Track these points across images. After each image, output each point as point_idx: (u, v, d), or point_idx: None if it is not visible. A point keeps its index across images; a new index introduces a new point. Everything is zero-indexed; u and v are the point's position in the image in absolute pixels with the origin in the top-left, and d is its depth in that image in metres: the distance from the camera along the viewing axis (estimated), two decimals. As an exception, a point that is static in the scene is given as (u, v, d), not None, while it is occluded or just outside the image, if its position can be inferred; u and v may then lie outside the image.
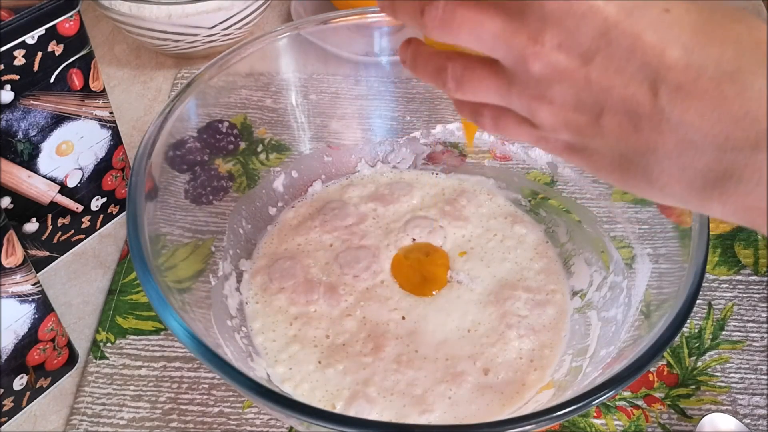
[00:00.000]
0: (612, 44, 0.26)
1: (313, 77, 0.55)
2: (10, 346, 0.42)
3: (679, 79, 0.26)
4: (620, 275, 0.46)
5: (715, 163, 0.26)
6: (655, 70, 0.26)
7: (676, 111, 0.26)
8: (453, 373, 0.44)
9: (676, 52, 0.26)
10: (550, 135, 0.30)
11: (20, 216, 0.49)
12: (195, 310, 0.41)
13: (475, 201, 0.54)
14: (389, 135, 0.57)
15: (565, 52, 0.27)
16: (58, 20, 0.45)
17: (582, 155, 0.30)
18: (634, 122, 0.27)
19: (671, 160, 0.27)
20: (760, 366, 0.48)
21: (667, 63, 0.26)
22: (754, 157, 0.25)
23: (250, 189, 0.53)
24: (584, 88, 0.27)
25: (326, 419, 0.32)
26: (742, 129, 0.25)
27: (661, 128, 0.26)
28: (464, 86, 0.31)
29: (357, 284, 0.49)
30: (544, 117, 0.29)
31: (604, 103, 0.27)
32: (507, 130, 0.32)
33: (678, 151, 0.27)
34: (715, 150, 0.26)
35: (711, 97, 0.25)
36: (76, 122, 0.49)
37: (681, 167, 0.27)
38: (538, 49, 0.27)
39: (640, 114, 0.27)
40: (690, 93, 0.26)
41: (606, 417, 0.46)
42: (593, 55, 0.27)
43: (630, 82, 0.27)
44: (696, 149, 0.26)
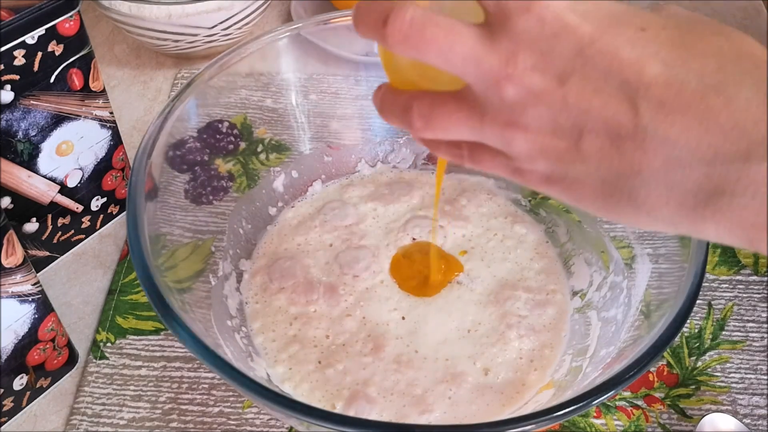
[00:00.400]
0: (588, 63, 0.25)
1: (313, 77, 0.55)
2: (10, 346, 0.42)
3: (661, 94, 0.25)
4: (620, 275, 0.46)
5: (706, 180, 0.25)
6: (634, 88, 0.25)
7: (660, 128, 0.25)
8: (453, 373, 0.44)
9: (655, 68, 0.25)
10: (526, 165, 0.28)
11: (20, 216, 0.49)
12: (195, 310, 0.41)
13: (475, 201, 0.54)
14: (389, 135, 0.57)
15: (539, 73, 0.26)
16: (58, 20, 0.45)
17: (561, 185, 0.28)
18: (617, 144, 0.26)
19: (658, 181, 0.26)
20: (760, 366, 0.48)
21: (646, 80, 0.25)
22: (746, 170, 0.24)
23: (250, 189, 0.53)
24: (561, 110, 0.26)
25: (326, 419, 0.32)
26: (731, 141, 0.24)
27: (645, 147, 0.25)
28: (432, 123, 0.29)
29: (357, 284, 0.49)
30: (519, 145, 0.28)
31: (583, 126, 0.26)
32: (482, 164, 0.30)
33: (665, 170, 0.25)
34: (705, 165, 0.24)
35: (696, 111, 0.24)
36: (76, 122, 0.49)
37: (669, 187, 0.25)
38: (511, 71, 0.26)
39: (622, 134, 0.26)
40: (673, 108, 0.24)
41: (606, 417, 0.46)
42: (569, 76, 0.26)
43: (609, 101, 0.25)
44: (684, 167, 0.25)
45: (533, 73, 0.26)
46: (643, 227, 0.28)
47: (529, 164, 0.28)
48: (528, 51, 0.26)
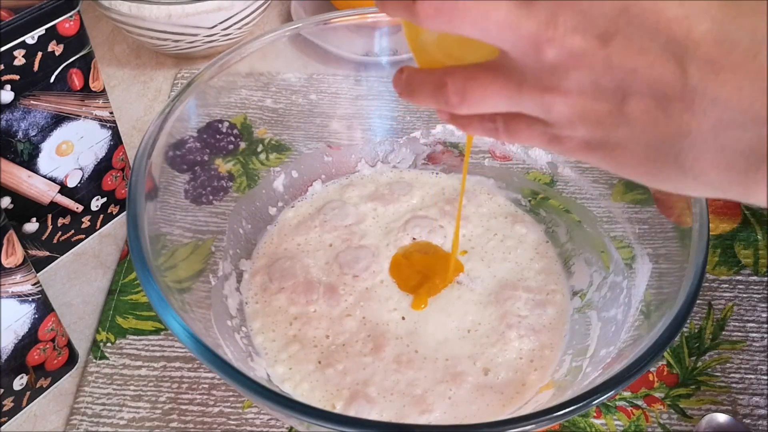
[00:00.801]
0: (633, 23, 0.24)
1: (313, 77, 0.55)
2: (10, 346, 0.42)
3: (711, 53, 0.23)
4: (620, 275, 0.46)
5: (758, 142, 0.23)
6: (682, 46, 0.24)
7: (710, 88, 0.24)
8: (453, 373, 0.44)
9: (704, 25, 0.24)
10: (566, 132, 0.27)
11: (20, 216, 0.49)
12: (195, 310, 0.41)
13: (475, 201, 0.54)
14: (389, 135, 0.57)
15: (581, 34, 0.25)
16: (58, 20, 0.45)
17: (602, 152, 0.27)
18: (663, 106, 0.25)
19: (707, 144, 0.24)
20: (760, 366, 0.48)
21: (695, 38, 0.24)
22: None
23: (250, 189, 0.53)
24: (605, 72, 0.25)
25: (326, 419, 0.32)
26: None
27: (694, 109, 0.24)
28: (468, 98, 0.28)
29: (357, 284, 0.49)
30: (559, 111, 0.27)
31: (627, 88, 0.25)
32: (518, 134, 0.29)
33: (715, 132, 0.24)
34: (758, 127, 0.23)
35: (748, 70, 0.23)
36: (76, 122, 0.49)
37: (719, 150, 0.24)
38: (551, 34, 0.25)
39: (669, 95, 0.24)
40: (724, 67, 0.23)
41: (606, 417, 0.46)
42: (612, 36, 0.24)
43: (655, 61, 0.24)
44: (735, 128, 0.24)
45: (575, 34, 0.25)
46: (688, 192, 0.27)
47: (570, 130, 0.27)
48: (569, 12, 0.25)
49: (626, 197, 0.49)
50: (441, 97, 0.29)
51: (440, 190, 0.56)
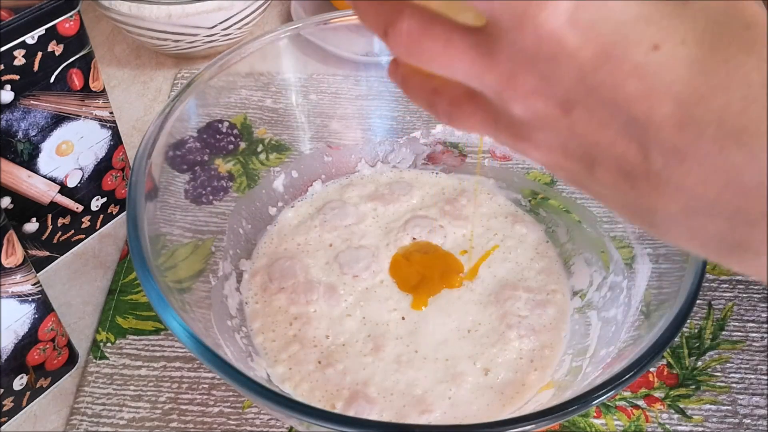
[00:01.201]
0: (592, 95, 0.22)
1: (313, 77, 0.55)
2: (10, 346, 0.42)
3: (674, 140, 0.21)
4: (620, 275, 0.46)
5: (728, 233, 0.22)
6: (643, 128, 0.22)
7: (674, 176, 0.22)
8: (453, 374, 0.44)
9: (667, 107, 0.21)
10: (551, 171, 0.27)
11: (20, 216, 0.49)
12: (195, 310, 0.41)
13: (475, 200, 0.54)
14: (389, 135, 0.57)
15: (542, 99, 0.23)
16: (58, 20, 0.45)
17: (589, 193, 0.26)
18: (630, 181, 0.23)
19: (678, 223, 0.23)
20: (760, 366, 0.48)
21: (656, 120, 0.21)
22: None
23: (250, 189, 0.53)
24: (570, 138, 0.24)
25: (326, 419, 0.32)
26: (754, 201, 0.21)
27: (660, 191, 0.23)
28: (455, 122, 0.27)
29: (357, 284, 0.49)
30: (536, 158, 0.26)
31: (594, 157, 0.24)
32: None
33: (684, 216, 0.23)
34: (726, 221, 0.22)
35: (714, 163, 0.21)
36: (76, 122, 0.49)
37: (690, 230, 0.23)
38: (512, 94, 0.24)
39: (634, 174, 0.23)
40: (688, 156, 0.21)
41: (606, 417, 0.46)
42: (573, 105, 0.23)
43: (617, 139, 0.23)
44: (703, 216, 0.22)
45: (536, 97, 0.23)
46: None
47: (552, 171, 0.27)
48: (527, 73, 0.23)
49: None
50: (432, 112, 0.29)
51: (440, 190, 0.56)
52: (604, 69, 0.22)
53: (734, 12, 0.21)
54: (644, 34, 0.21)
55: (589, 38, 0.22)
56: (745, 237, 0.22)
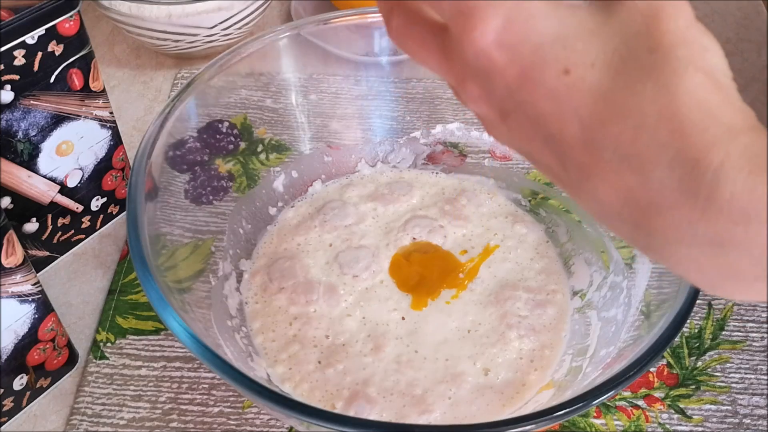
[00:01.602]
0: (519, 109, 0.25)
1: (313, 77, 0.55)
2: (10, 346, 0.42)
3: (581, 158, 0.24)
4: (620, 275, 0.46)
5: (635, 235, 0.24)
6: (558, 145, 0.24)
7: (585, 187, 0.24)
8: (453, 374, 0.44)
9: (573, 128, 0.23)
10: None
11: (20, 216, 0.49)
12: (195, 310, 0.41)
13: (475, 200, 0.54)
14: (389, 135, 0.57)
15: (485, 104, 0.26)
16: (58, 20, 0.45)
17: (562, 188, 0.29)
18: (561, 182, 0.26)
19: (602, 219, 0.26)
20: (760, 366, 0.48)
21: (567, 140, 0.24)
22: (668, 249, 0.23)
23: (250, 189, 0.53)
24: (511, 141, 0.27)
25: (326, 419, 0.32)
26: (648, 219, 0.23)
27: (580, 198, 0.25)
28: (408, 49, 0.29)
29: (357, 284, 0.49)
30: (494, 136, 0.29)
31: (529, 155, 0.27)
32: None
33: (599, 219, 0.26)
34: (631, 229, 0.24)
35: (613, 183, 0.23)
36: (76, 122, 0.49)
37: (609, 227, 0.26)
38: (464, 96, 0.27)
39: (560, 180, 0.26)
40: (592, 174, 0.24)
41: (606, 417, 0.46)
42: (507, 114, 0.25)
43: (542, 152, 0.25)
44: (615, 221, 0.25)
45: (480, 102, 0.26)
46: None
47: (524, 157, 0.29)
48: (472, 81, 0.25)
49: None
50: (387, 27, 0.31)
51: (440, 190, 0.56)
52: (525, 89, 0.24)
53: (647, 30, 0.23)
54: (558, 57, 0.23)
55: (513, 59, 0.24)
56: (647, 245, 0.24)
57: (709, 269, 0.23)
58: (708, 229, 0.22)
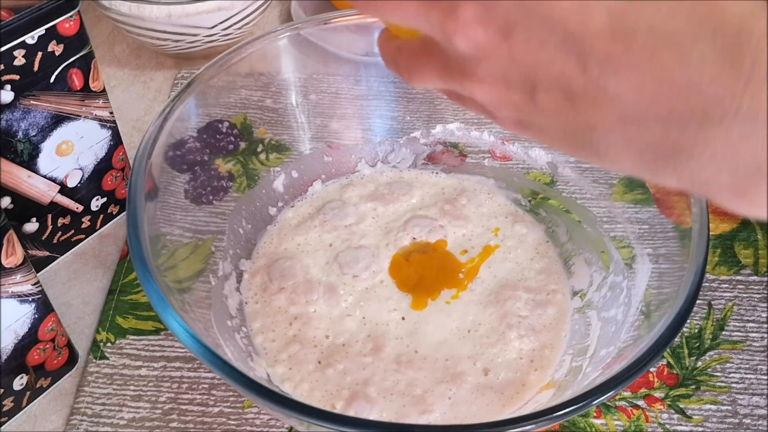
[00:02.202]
0: (530, 14, 0.23)
1: (313, 77, 0.55)
2: (10, 346, 0.42)
3: (608, 49, 0.22)
4: (620, 275, 0.46)
5: (663, 137, 0.23)
6: (579, 41, 0.23)
7: (610, 85, 0.23)
8: (453, 374, 0.44)
9: (600, 18, 0.22)
10: (496, 113, 0.28)
11: (20, 216, 0.49)
12: (195, 310, 0.41)
13: (475, 200, 0.54)
14: (389, 135, 0.57)
15: (482, 26, 0.24)
16: (58, 20, 0.45)
17: (531, 130, 0.28)
18: (570, 99, 0.24)
19: (615, 136, 0.24)
20: (760, 366, 0.48)
21: (592, 32, 0.22)
22: (702, 134, 0.22)
23: (250, 189, 0.53)
24: (510, 65, 0.25)
25: (326, 419, 0.32)
26: (685, 100, 0.22)
27: (598, 103, 0.24)
28: (413, 77, 0.29)
29: (357, 284, 0.49)
30: (481, 96, 0.27)
31: (534, 80, 0.25)
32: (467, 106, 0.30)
33: (621, 126, 0.24)
34: (660, 124, 0.23)
35: (647, 67, 0.22)
36: (76, 122, 0.49)
37: (626, 142, 0.24)
38: (454, 25, 0.25)
39: (573, 90, 0.24)
40: (622, 64, 0.22)
41: (606, 417, 0.46)
42: (512, 29, 0.24)
43: (555, 56, 0.24)
44: (639, 123, 0.23)
45: (476, 25, 0.24)
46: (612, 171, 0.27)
47: (497, 111, 0.28)
48: (469, 3, 0.24)
49: (626, 197, 0.49)
50: (398, 72, 0.31)
51: (440, 190, 0.56)
52: None
53: None
54: None
55: None
56: (677, 140, 0.23)
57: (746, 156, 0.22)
58: (752, 102, 0.21)
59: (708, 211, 0.40)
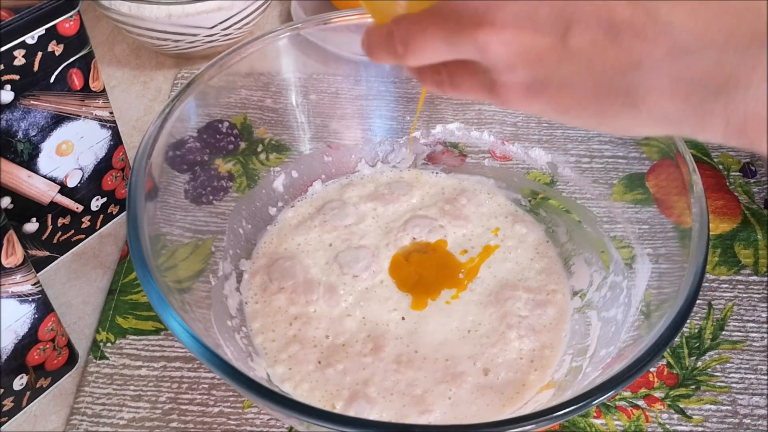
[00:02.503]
0: None
1: (313, 77, 0.55)
2: (10, 346, 0.42)
3: None
4: (620, 275, 0.46)
5: (716, 68, 0.21)
6: None
7: (662, 12, 0.21)
8: (453, 374, 0.44)
9: None
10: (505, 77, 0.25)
11: (20, 216, 0.49)
12: (195, 310, 0.41)
13: (475, 200, 0.54)
14: (389, 135, 0.57)
15: None
16: (58, 20, 0.45)
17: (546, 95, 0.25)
18: (612, 34, 0.22)
19: (661, 72, 0.22)
20: (760, 366, 0.48)
21: None
22: (762, 55, 0.20)
23: (250, 189, 0.53)
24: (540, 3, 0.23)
25: (326, 419, 0.32)
26: (746, 23, 0.20)
27: (645, 34, 0.22)
28: (411, 45, 0.27)
29: (356, 284, 0.49)
30: (496, 50, 0.24)
31: (570, 17, 0.22)
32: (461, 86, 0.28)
33: (669, 60, 0.22)
34: (715, 52, 0.21)
35: None
36: (76, 122, 0.49)
37: (674, 79, 0.22)
38: None
39: (617, 22, 0.22)
40: None
41: (606, 417, 0.46)
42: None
43: None
44: (690, 54, 0.21)
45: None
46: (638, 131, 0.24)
47: (508, 74, 0.25)
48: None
49: (626, 197, 0.49)
50: (390, 50, 0.28)
51: (440, 190, 0.56)
52: None
53: None
54: None
55: None
56: (735, 67, 0.21)
57: None
58: None
59: (708, 211, 0.40)
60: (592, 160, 0.52)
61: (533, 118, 0.55)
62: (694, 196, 0.41)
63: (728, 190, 0.58)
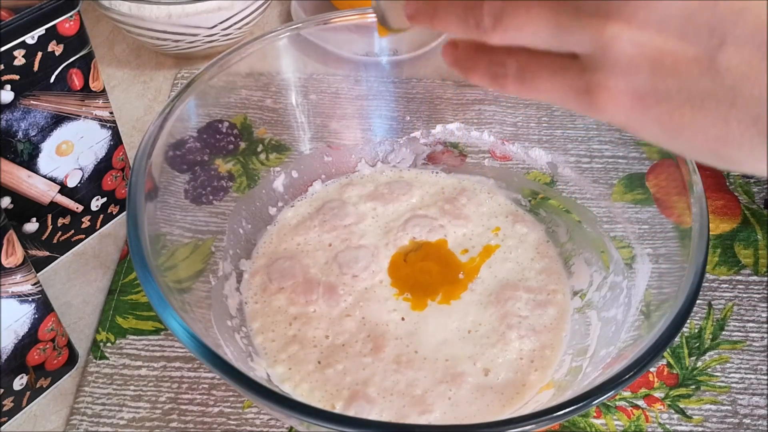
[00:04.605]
0: None
1: (313, 77, 0.55)
2: (10, 346, 0.42)
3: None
4: (620, 275, 0.46)
5: None
6: None
7: None
8: (453, 374, 0.44)
9: None
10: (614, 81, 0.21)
11: (20, 216, 0.49)
12: (195, 310, 0.41)
13: (475, 200, 0.54)
14: (389, 135, 0.57)
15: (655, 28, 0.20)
16: (58, 20, 0.45)
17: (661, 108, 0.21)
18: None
19: None
20: (760, 366, 0.48)
21: None
22: None
23: (250, 189, 0.53)
24: (703, 7, 0.19)
25: (326, 419, 0.32)
26: None
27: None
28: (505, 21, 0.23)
29: (356, 284, 0.49)
30: (622, 49, 0.21)
31: (727, 32, 0.19)
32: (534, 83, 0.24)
33: None
34: None
35: None
36: (76, 122, 0.49)
37: None
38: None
39: None
40: None
41: (606, 417, 0.46)
42: None
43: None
44: None
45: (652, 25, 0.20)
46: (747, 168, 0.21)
47: (624, 77, 0.21)
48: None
49: (626, 197, 0.49)
50: (471, 18, 0.23)
51: (440, 190, 0.56)
52: None
53: None
54: None
55: None
56: None
57: None
58: None
59: (708, 211, 0.40)
60: (592, 160, 0.52)
61: (533, 118, 0.55)
62: (694, 196, 0.41)
63: (728, 190, 0.58)
